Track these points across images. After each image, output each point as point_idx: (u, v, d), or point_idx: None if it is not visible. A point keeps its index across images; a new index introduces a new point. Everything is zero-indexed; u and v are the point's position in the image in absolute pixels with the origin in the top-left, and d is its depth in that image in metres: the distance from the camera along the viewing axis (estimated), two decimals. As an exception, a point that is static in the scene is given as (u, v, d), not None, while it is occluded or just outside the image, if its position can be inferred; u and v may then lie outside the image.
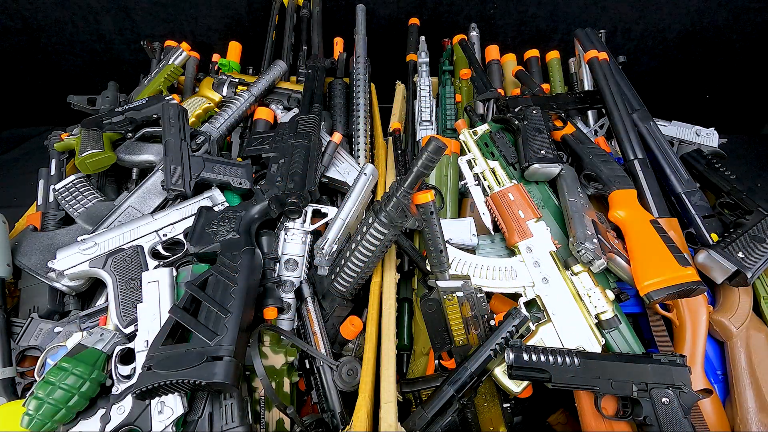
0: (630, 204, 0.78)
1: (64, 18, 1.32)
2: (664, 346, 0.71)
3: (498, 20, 1.34)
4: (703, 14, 1.31)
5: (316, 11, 1.24)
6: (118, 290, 0.71)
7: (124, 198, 0.85)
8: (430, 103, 1.02)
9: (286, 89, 1.09)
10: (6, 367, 0.69)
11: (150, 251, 0.76)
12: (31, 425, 0.57)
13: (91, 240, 0.75)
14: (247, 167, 0.86)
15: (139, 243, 0.76)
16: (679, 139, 1.03)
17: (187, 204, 0.80)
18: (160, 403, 0.59)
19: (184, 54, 1.18)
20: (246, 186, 0.83)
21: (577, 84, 1.17)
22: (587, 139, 0.90)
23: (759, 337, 0.72)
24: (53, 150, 0.94)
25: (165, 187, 0.81)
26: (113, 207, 0.83)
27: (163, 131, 0.86)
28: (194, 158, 0.84)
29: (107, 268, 0.73)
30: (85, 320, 0.73)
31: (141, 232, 0.77)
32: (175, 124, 0.86)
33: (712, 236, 0.78)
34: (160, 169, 0.87)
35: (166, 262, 0.75)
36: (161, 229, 0.78)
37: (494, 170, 0.79)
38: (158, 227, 0.78)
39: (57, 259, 0.73)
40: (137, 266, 0.73)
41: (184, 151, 0.83)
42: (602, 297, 0.68)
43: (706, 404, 0.68)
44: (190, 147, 0.84)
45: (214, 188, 0.83)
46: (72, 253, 0.74)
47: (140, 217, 0.80)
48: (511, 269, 0.71)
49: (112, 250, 0.75)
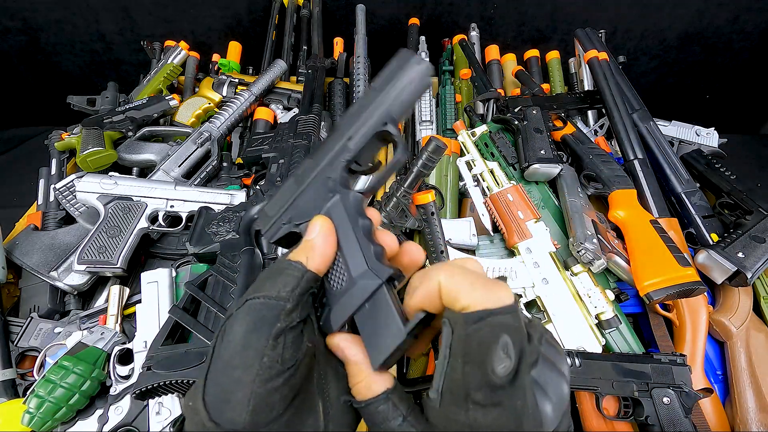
0: (630, 204, 0.78)
1: (64, 18, 1.32)
2: (665, 346, 0.71)
3: (498, 20, 1.34)
4: (703, 14, 1.31)
5: (316, 11, 1.24)
6: (100, 229, 0.75)
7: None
8: (430, 103, 1.02)
9: (286, 89, 1.09)
10: (6, 369, 0.69)
11: (150, 214, 0.78)
12: (32, 423, 0.57)
13: (114, 179, 0.80)
14: None
15: (147, 202, 0.79)
16: (679, 139, 1.03)
17: (209, 191, 0.83)
18: (158, 403, 0.59)
19: (183, 53, 1.18)
20: None
21: (577, 84, 1.17)
22: (587, 139, 0.90)
23: (759, 337, 0.72)
24: (54, 149, 0.94)
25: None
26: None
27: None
28: None
29: (107, 207, 0.77)
30: (85, 320, 0.73)
31: (156, 193, 0.80)
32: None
33: (712, 236, 0.78)
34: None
35: (154, 229, 0.79)
36: (174, 199, 0.80)
37: (493, 171, 0.79)
38: (172, 197, 0.80)
39: (83, 180, 0.80)
40: (130, 219, 0.77)
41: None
42: (602, 297, 0.68)
43: (706, 404, 0.68)
44: None
45: (240, 190, 0.86)
46: (95, 180, 0.79)
47: (164, 180, 0.85)
48: (510, 270, 0.71)
49: (122, 195, 0.79)
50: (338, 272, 0.29)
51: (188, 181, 0.89)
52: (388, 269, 0.28)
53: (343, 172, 0.32)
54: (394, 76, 0.33)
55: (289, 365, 0.25)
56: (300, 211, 0.33)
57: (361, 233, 0.30)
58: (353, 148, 0.32)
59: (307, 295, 0.28)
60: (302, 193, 0.33)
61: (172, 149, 0.91)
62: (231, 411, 0.24)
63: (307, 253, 0.29)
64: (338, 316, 0.29)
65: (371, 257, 0.29)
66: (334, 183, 0.32)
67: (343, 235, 0.30)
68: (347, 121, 0.33)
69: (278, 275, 0.27)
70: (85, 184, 0.79)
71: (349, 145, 0.32)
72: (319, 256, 0.29)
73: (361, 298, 0.28)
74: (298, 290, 0.27)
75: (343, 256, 0.29)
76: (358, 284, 0.28)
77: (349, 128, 0.33)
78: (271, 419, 0.25)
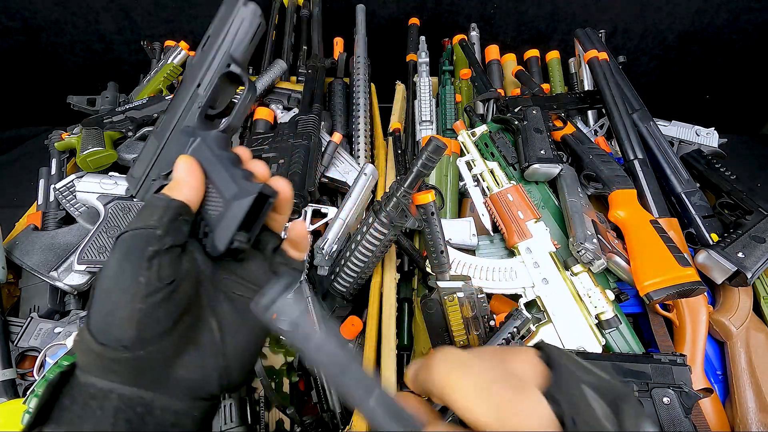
0: (630, 204, 0.78)
1: (64, 18, 1.32)
2: (665, 346, 0.71)
3: (498, 20, 1.34)
4: (703, 14, 1.31)
5: (316, 11, 1.24)
6: (100, 229, 0.75)
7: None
8: (430, 103, 1.02)
9: (286, 89, 1.09)
10: (6, 369, 0.69)
11: None
12: (31, 424, 0.57)
13: (114, 179, 0.80)
14: None
15: None
16: (679, 139, 1.03)
17: None
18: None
19: (183, 53, 1.18)
20: None
21: (577, 84, 1.17)
22: (587, 139, 0.90)
23: (759, 337, 0.72)
24: (53, 149, 0.94)
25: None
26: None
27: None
28: None
29: (107, 207, 0.77)
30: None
31: None
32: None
33: (712, 236, 0.78)
34: None
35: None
36: None
37: (493, 171, 0.79)
38: None
39: (83, 180, 0.80)
40: (130, 219, 0.76)
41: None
42: (602, 297, 0.68)
43: (706, 404, 0.68)
44: None
45: None
46: (95, 180, 0.80)
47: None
48: (510, 270, 0.71)
49: (123, 195, 0.79)
50: (214, 201, 0.31)
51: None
52: (256, 184, 0.30)
53: (200, 117, 0.34)
54: (226, 21, 0.35)
55: (167, 282, 0.26)
56: (166, 163, 0.35)
57: (228, 163, 0.31)
58: (203, 93, 0.34)
59: (179, 222, 0.29)
60: (164, 147, 0.35)
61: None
62: (116, 329, 0.25)
63: (172, 187, 0.31)
64: (221, 237, 0.30)
65: (239, 179, 0.30)
66: (193, 129, 0.34)
67: (211, 168, 0.32)
68: (193, 72, 0.35)
69: (146, 210, 0.29)
70: (85, 184, 0.79)
71: (199, 92, 0.34)
72: (184, 186, 0.31)
73: (239, 216, 0.30)
74: (166, 218, 0.28)
75: (215, 186, 0.31)
76: (232, 204, 0.30)
77: (195, 77, 0.34)
78: (159, 333, 0.26)
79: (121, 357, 0.25)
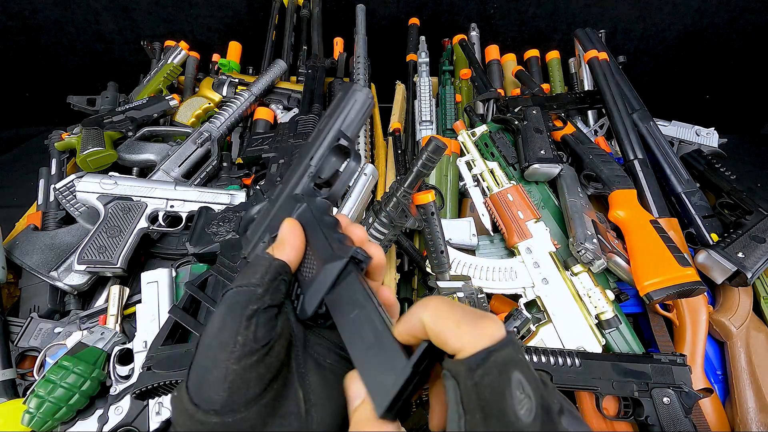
0: (630, 204, 0.78)
1: (64, 18, 1.32)
2: (665, 346, 0.71)
3: (498, 20, 1.34)
4: (703, 14, 1.31)
5: (316, 11, 1.24)
6: (100, 229, 0.75)
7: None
8: (430, 103, 1.02)
9: (286, 89, 1.09)
10: (6, 369, 0.69)
11: (150, 214, 0.79)
12: (32, 423, 0.57)
13: (114, 179, 0.80)
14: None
15: (147, 202, 0.79)
16: (679, 139, 1.03)
17: (209, 191, 0.83)
18: (158, 403, 0.59)
19: (183, 53, 1.18)
20: None
21: (577, 84, 1.17)
22: (587, 139, 0.90)
23: (759, 337, 0.72)
24: (53, 149, 0.94)
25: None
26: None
27: None
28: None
29: (107, 207, 0.78)
30: (85, 320, 0.73)
31: (156, 193, 0.80)
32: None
33: (712, 236, 0.78)
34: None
35: (154, 229, 0.79)
36: (174, 200, 0.81)
37: (493, 171, 0.79)
38: (172, 197, 0.81)
39: (83, 180, 0.80)
40: (130, 219, 0.77)
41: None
42: (602, 297, 0.68)
43: (706, 404, 0.68)
44: None
45: (240, 190, 0.86)
46: (95, 180, 0.80)
47: (164, 180, 0.85)
48: (511, 270, 0.71)
49: (122, 195, 0.79)
50: (309, 264, 0.32)
51: (188, 181, 0.89)
52: (349, 248, 0.30)
53: (309, 184, 0.37)
54: (341, 102, 0.39)
55: (263, 343, 0.26)
56: (274, 226, 0.37)
57: (326, 227, 0.33)
58: (314, 164, 0.38)
59: (278, 282, 0.29)
60: (275, 212, 0.38)
61: (172, 149, 0.91)
62: (209, 389, 0.25)
63: (275, 246, 0.32)
64: (311, 300, 0.30)
65: (335, 243, 0.31)
66: (301, 196, 0.36)
67: (311, 232, 0.33)
68: (308, 147, 0.39)
69: (250, 268, 0.30)
70: (85, 184, 0.79)
71: (311, 163, 0.38)
72: (286, 246, 0.31)
73: (329, 279, 0.30)
74: (267, 277, 0.29)
75: (312, 250, 0.32)
76: (325, 267, 0.30)
77: (309, 151, 0.38)
78: (249, 399, 0.25)
79: (210, 421, 0.24)
